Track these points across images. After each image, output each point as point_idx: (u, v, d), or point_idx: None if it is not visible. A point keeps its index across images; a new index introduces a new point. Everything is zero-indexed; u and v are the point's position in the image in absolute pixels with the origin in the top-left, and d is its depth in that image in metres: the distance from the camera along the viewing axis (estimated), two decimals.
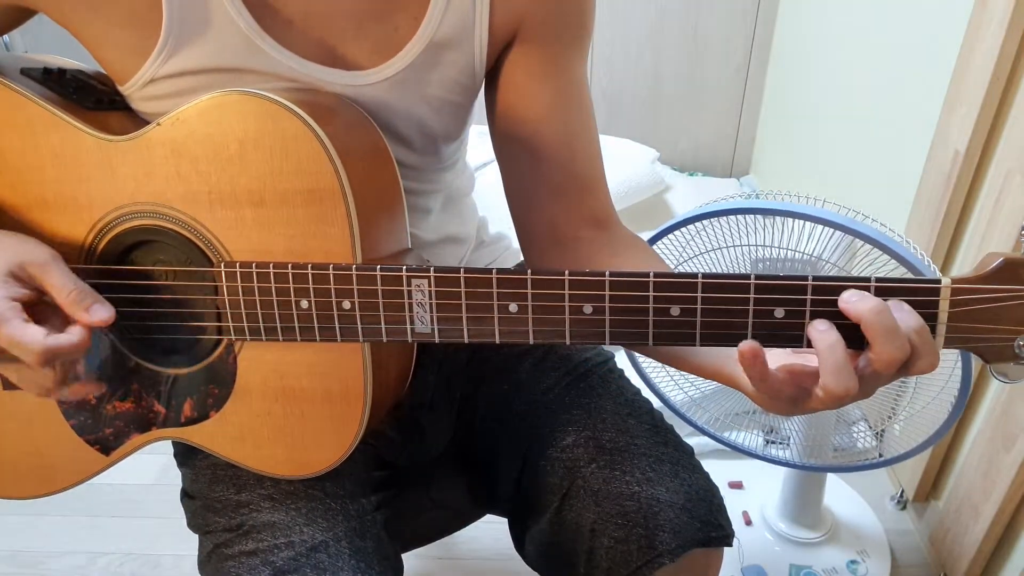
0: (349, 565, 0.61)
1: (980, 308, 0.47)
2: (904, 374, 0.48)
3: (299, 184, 0.54)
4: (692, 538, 0.63)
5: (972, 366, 0.85)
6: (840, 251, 0.85)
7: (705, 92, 2.27)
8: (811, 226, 0.84)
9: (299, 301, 0.55)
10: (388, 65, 0.62)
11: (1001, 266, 0.46)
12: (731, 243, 0.89)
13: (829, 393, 0.47)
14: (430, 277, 0.51)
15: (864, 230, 0.80)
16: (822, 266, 0.86)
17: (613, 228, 0.69)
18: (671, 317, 0.49)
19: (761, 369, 0.48)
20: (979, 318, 0.47)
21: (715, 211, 0.87)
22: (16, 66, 0.60)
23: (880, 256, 0.82)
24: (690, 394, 1.06)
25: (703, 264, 0.92)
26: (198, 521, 0.67)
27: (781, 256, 0.88)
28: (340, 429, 0.60)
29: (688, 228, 0.90)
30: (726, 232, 0.88)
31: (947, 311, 0.47)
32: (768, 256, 0.88)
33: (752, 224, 0.87)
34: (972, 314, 0.47)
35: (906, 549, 1.27)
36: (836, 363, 0.46)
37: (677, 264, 0.94)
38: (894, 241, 0.81)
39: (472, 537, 1.28)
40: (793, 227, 0.85)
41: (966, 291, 0.47)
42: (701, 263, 0.92)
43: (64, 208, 0.58)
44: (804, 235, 0.85)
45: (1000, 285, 0.46)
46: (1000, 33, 1.01)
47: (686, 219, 0.89)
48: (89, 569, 1.28)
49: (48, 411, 0.63)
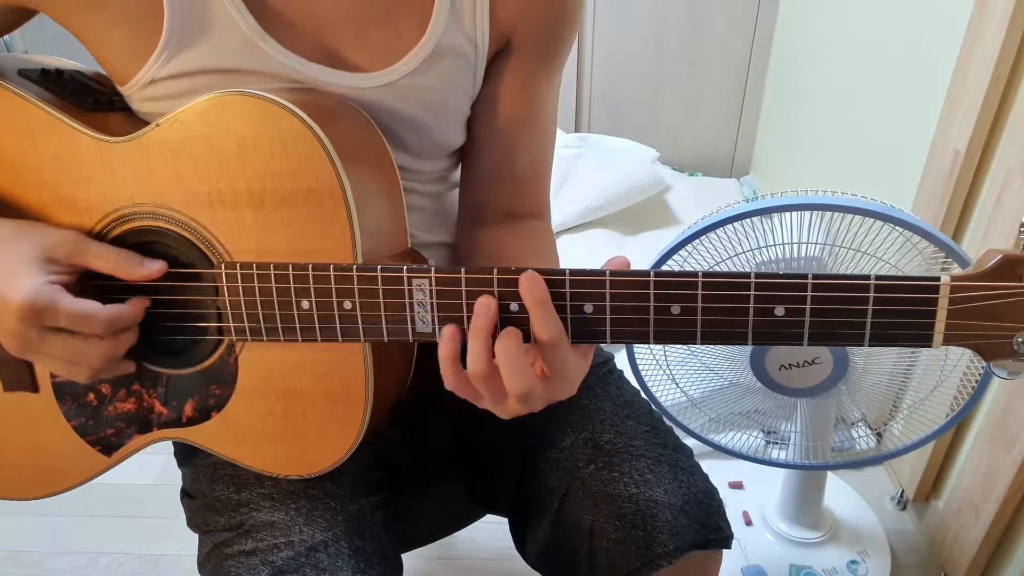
0: (349, 565, 0.61)
1: (979, 305, 0.47)
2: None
3: (299, 184, 0.54)
4: (690, 540, 0.63)
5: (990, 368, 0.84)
6: (823, 232, 0.84)
7: (705, 92, 2.27)
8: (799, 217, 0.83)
9: (300, 301, 0.55)
10: (391, 70, 0.62)
11: (1000, 263, 0.46)
12: (732, 253, 0.88)
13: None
14: (431, 277, 0.51)
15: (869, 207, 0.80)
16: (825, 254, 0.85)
17: (528, 221, 0.74)
18: (672, 316, 0.49)
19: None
20: (978, 315, 0.47)
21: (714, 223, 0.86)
22: (14, 67, 0.60)
23: (891, 233, 0.81)
24: (689, 394, 1.06)
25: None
26: (198, 520, 0.67)
27: (784, 256, 0.87)
28: (341, 429, 0.60)
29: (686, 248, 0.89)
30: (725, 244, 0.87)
31: (946, 308, 0.47)
32: (768, 256, 0.88)
33: (751, 227, 0.86)
34: (971, 311, 0.47)
35: (906, 549, 1.27)
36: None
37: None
38: (910, 216, 0.80)
39: (472, 537, 1.28)
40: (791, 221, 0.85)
41: (965, 288, 0.46)
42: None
43: (64, 210, 0.58)
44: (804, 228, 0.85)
45: (999, 282, 0.46)
46: (1000, 33, 1.01)
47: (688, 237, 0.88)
48: (89, 569, 1.28)
49: (50, 412, 0.63)
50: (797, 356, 0.92)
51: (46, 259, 0.54)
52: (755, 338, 0.49)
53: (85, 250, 0.55)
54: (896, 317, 0.48)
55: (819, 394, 0.96)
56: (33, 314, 0.51)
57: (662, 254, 0.89)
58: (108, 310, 0.54)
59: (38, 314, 0.51)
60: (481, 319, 0.50)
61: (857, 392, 0.98)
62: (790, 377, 0.94)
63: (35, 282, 0.52)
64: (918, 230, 0.79)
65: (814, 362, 0.92)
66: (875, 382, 0.96)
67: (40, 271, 0.53)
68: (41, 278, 0.52)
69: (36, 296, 0.51)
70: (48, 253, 0.54)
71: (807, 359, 0.92)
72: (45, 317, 0.52)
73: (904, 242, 0.81)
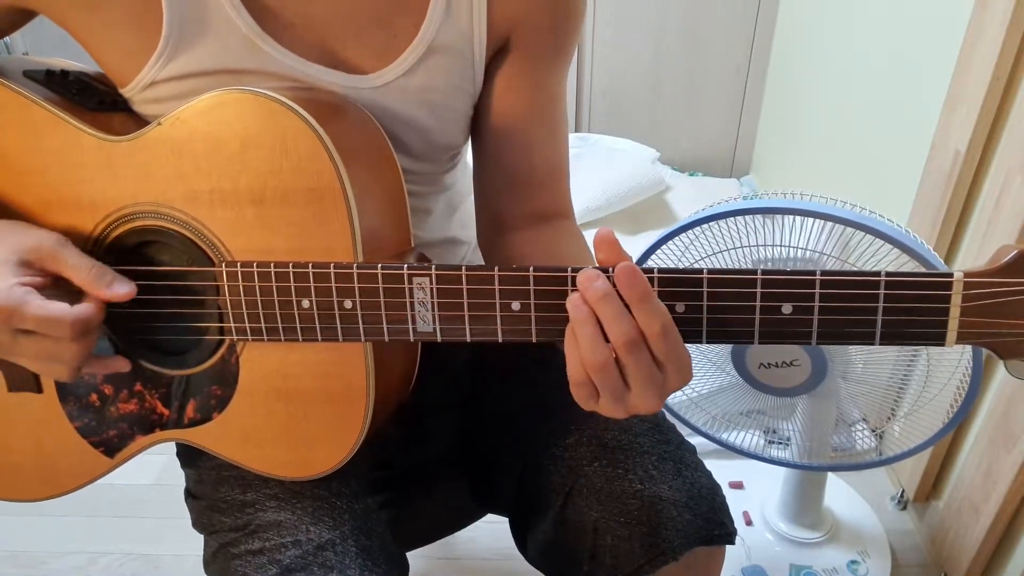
0: (356, 563, 0.61)
1: (994, 302, 0.45)
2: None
3: (299, 183, 0.54)
4: (695, 536, 0.63)
5: (982, 367, 0.85)
6: (840, 246, 0.85)
7: (705, 92, 2.27)
8: (808, 223, 0.84)
9: (300, 301, 0.54)
10: (388, 70, 0.62)
11: (1015, 259, 0.44)
12: (731, 246, 0.88)
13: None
14: (431, 275, 0.51)
15: (865, 221, 0.80)
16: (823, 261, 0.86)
17: (555, 221, 0.72)
18: (676, 314, 0.49)
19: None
20: (993, 312, 0.45)
21: (713, 215, 0.87)
22: (19, 68, 0.60)
23: (882, 247, 0.81)
24: (689, 395, 1.06)
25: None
26: (203, 521, 0.67)
27: (783, 255, 0.88)
28: (343, 430, 0.60)
29: (688, 233, 0.90)
30: (725, 236, 0.88)
31: (959, 306, 0.45)
32: (768, 256, 0.88)
33: (751, 224, 0.87)
34: (986, 308, 0.45)
35: (906, 549, 1.27)
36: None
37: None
38: (899, 231, 0.80)
39: (472, 537, 1.28)
40: (792, 225, 0.85)
41: (979, 284, 0.45)
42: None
43: (67, 209, 0.58)
44: (804, 232, 0.85)
45: (1015, 279, 0.44)
46: (1000, 33, 1.01)
47: (687, 224, 0.89)
48: (90, 569, 1.28)
49: (53, 413, 0.63)
50: (776, 355, 0.92)
51: (19, 262, 0.53)
52: (762, 337, 0.48)
53: (61, 258, 0.54)
54: (908, 315, 0.46)
55: (798, 395, 0.96)
56: (1, 316, 0.51)
57: (646, 251, 0.91)
58: (74, 312, 0.52)
59: (6, 316, 0.51)
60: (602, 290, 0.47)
61: (855, 394, 0.98)
62: (772, 376, 0.94)
63: (3, 285, 0.51)
64: (904, 247, 0.79)
65: (792, 363, 0.92)
66: (873, 383, 0.96)
67: (11, 273, 0.52)
68: (11, 280, 0.52)
69: (3, 300, 0.51)
70: (23, 256, 0.54)
71: (785, 360, 0.92)
72: (13, 320, 0.51)
73: (897, 257, 0.81)
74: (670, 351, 0.48)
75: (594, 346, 0.47)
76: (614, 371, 0.48)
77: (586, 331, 0.47)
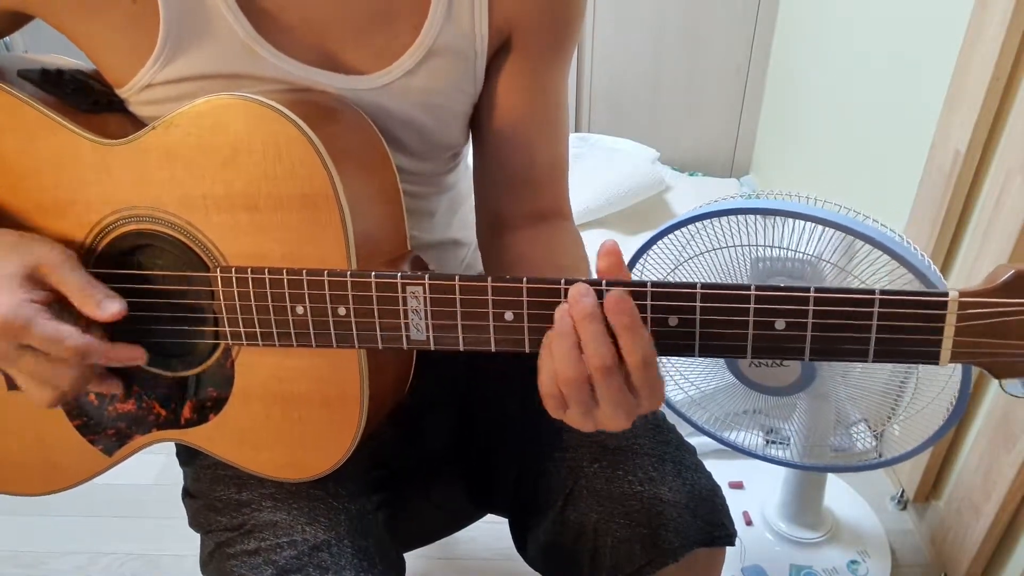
0: (352, 564, 0.61)
1: (989, 323, 0.44)
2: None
3: (293, 188, 0.54)
4: (695, 537, 0.63)
5: (972, 372, 0.85)
6: (840, 251, 0.85)
7: (705, 92, 2.27)
8: (811, 226, 0.84)
9: (294, 307, 0.54)
10: (388, 71, 0.62)
11: (1011, 279, 0.43)
12: (731, 243, 0.88)
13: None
14: (425, 284, 0.51)
15: (864, 230, 0.80)
16: (822, 266, 0.86)
17: (554, 221, 0.72)
18: (669, 328, 0.48)
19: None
20: (988, 333, 0.44)
21: (715, 211, 0.87)
22: (14, 68, 0.60)
23: (880, 256, 0.81)
24: (690, 394, 1.06)
25: (703, 264, 0.92)
26: (200, 520, 0.68)
27: (781, 256, 0.88)
28: (338, 433, 0.60)
29: (687, 228, 0.90)
30: (726, 232, 0.88)
31: (954, 325, 0.45)
32: (768, 256, 0.88)
33: (752, 224, 0.87)
34: (980, 328, 0.44)
35: (907, 549, 1.27)
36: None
37: (677, 264, 0.94)
38: (894, 240, 0.80)
39: (472, 537, 1.28)
40: (793, 227, 0.85)
41: (974, 304, 0.44)
42: (701, 263, 0.92)
43: (61, 212, 0.58)
44: (804, 235, 0.85)
45: (1011, 299, 0.44)
46: (1000, 33, 1.01)
47: (686, 219, 0.89)
48: (90, 569, 1.28)
49: (52, 412, 0.63)
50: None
51: (27, 276, 0.54)
52: (755, 352, 0.48)
53: (60, 274, 0.55)
54: (902, 333, 0.46)
55: (792, 394, 0.96)
56: (8, 331, 0.52)
57: (660, 230, 0.91)
58: (79, 340, 0.53)
59: (14, 332, 0.52)
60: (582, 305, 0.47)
61: (853, 395, 0.98)
62: (762, 375, 0.94)
63: (13, 300, 0.52)
64: (902, 260, 0.79)
65: (782, 363, 0.92)
66: (870, 385, 0.96)
67: (20, 287, 0.53)
68: (21, 296, 0.52)
69: (12, 315, 0.51)
70: (30, 271, 0.54)
71: (775, 359, 0.92)
72: (20, 335, 0.52)
73: (894, 268, 0.81)
74: (647, 380, 0.48)
75: (568, 360, 0.47)
76: (585, 387, 0.48)
77: (563, 344, 0.47)
